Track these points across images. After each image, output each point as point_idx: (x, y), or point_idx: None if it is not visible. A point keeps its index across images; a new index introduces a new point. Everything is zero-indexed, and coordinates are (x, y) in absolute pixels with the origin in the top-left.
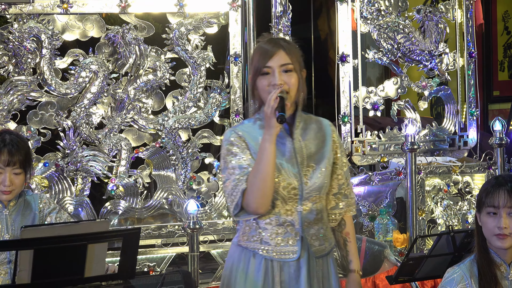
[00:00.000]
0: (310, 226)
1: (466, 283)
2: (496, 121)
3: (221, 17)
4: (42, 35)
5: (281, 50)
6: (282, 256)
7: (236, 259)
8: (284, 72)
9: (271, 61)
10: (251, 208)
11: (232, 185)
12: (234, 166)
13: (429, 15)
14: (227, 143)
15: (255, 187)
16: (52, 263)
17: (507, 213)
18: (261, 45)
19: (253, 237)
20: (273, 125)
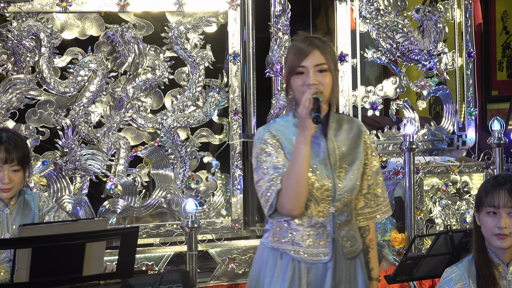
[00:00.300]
0: (341, 228)
1: (464, 283)
2: (494, 120)
3: (220, 16)
4: (41, 33)
5: (316, 50)
6: (313, 258)
7: (265, 260)
8: (318, 72)
9: (306, 61)
10: (285, 210)
11: (266, 185)
12: (268, 166)
13: (428, 14)
14: (261, 142)
15: (290, 189)
16: (50, 261)
17: (507, 213)
18: (296, 44)
19: (284, 238)
20: (308, 127)
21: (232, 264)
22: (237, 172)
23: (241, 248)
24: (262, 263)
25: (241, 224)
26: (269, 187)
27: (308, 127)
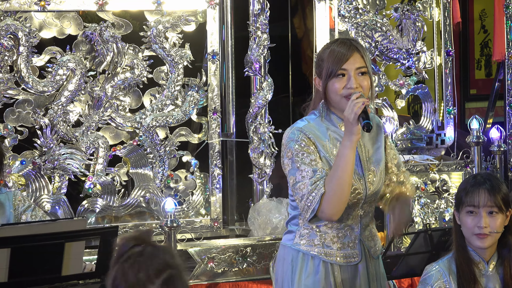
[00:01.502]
0: (365, 228)
1: (445, 280)
2: (473, 119)
3: (199, 15)
4: (19, 32)
5: (356, 53)
6: (344, 260)
7: (293, 262)
8: (359, 75)
9: (347, 64)
10: (326, 215)
11: (309, 188)
12: (306, 169)
13: (407, 13)
14: (295, 143)
15: (333, 194)
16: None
17: (487, 212)
18: (334, 47)
19: (313, 240)
20: (355, 132)
21: (211, 263)
22: (216, 171)
23: (220, 247)
24: (291, 265)
25: (220, 223)
26: (311, 191)
27: (355, 133)
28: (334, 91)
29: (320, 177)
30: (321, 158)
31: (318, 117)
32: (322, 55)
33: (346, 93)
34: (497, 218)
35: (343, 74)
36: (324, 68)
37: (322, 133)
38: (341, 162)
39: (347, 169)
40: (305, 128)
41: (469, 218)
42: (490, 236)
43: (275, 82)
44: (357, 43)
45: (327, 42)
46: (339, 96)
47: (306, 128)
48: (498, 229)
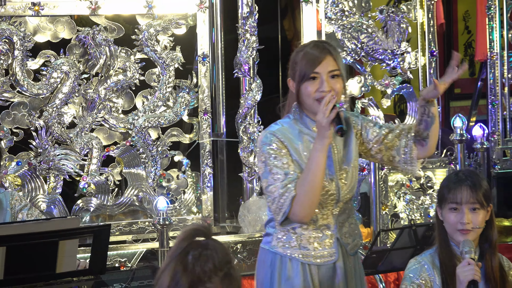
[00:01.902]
0: (343, 225)
1: (429, 273)
2: (456, 118)
3: (189, 18)
4: (14, 36)
5: (329, 56)
6: (321, 260)
7: (272, 265)
8: (331, 78)
9: (319, 67)
10: (297, 217)
11: (280, 191)
12: (278, 171)
13: (392, 15)
14: (268, 147)
15: (304, 196)
16: (24, 259)
17: (469, 208)
18: (308, 50)
19: (290, 243)
20: (327, 136)
21: None
22: (207, 170)
23: None
24: (270, 268)
25: (211, 221)
26: (282, 194)
27: (327, 136)
28: (306, 94)
29: (291, 180)
30: (293, 161)
31: (292, 120)
32: (295, 58)
33: (318, 96)
34: (479, 214)
35: (316, 77)
36: (297, 71)
37: (295, 136)
38: (312, 165)
39: (318, 173)
40: (278, 132)
41: (452, 214)
42: (472, 231)
43: (266, 83)
44: (330, 46)
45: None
46: (311, 99)
47: (278, 131)
48: (480, 224)
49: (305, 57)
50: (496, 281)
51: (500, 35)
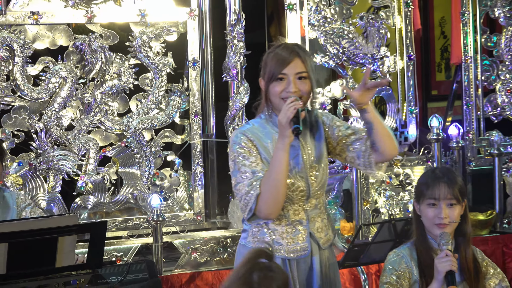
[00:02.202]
0: (315, 220)
1: (407, 265)
2: (433, 118)
3: (180, 25)
4: (14, 44)
5: (297, 58)
6: (294, 254)
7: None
8: (298, 79)
9: (287, 69)
10: (263, 214)
11: (246, 189)
12: (246, 170)
13: (371, 21)
14: (237, 146)
15: (269, 194)
16: (25, 255)
17: (446, 204)
18: (278, 51)
19: (263, 238)
20: (287, 135)
21: (194, 254)
22: (198, 169)
23: (203, 239)
24: None
25: (202, 217)
26: (248, 192)
27: (288, 135)
28: (274, 94)
29: (258, 178)
30: (261, 160)
31: (263, 120)
32: (266, 59)
33: (284, 96)
34: (455, 209)
35: (283, 78)
36: (267, 71)
37: (265, 135)
38: (275, 163)
39: (280, 171)
40: (248, 131)
41: (430, 209)
42: (449, 225)
43: (254, 87)
44: (299, 48)
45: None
46: (278, 99)
47: (248, 131)
48: (456, 219)
49: (274, 58)
50: (470, 271)
51: (474, 40)
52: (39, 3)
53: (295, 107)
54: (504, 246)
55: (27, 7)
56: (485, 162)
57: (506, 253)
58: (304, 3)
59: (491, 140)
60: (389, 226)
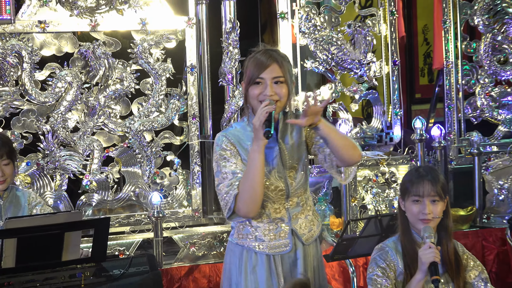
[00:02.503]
0: (298, 217)
1: (393, 257)
2: (417, 119)
3: (179, 33)
4: (23, 51)
5: (274, 63)
6: (276, 250)
7: (237, 258)
8: (275, 84)
9: (265, 73)
10: (242, 213)
11: (225, 190)
12: (226, 171)
13: (358, 29)
14: (219, 148)
15: (246, 194)
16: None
17: (430, 200)
18: (257, 56)
19: (248, 235)
20: (261, 137)
21: (193, 248)
22: (196, 168)
23: (201, 233)
24: (236, 260)
25: (200, 213)
26: (227, 192)
27: (261, 138)
28: (253, 97)
29: (237, 179)
30: (241, 161)
31: (245, 122)
32: (247, 63)
33: (262, 99)
34: (438, 205)
35: (260, 82)
36: (246, 74)
37: (246, 137)
38: (251, 165)
39: (256, 172)
40: (229, 134)
41: (414, 205)
42: (432, 220)
43: None
44: (277, 54)
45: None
46: (256, 102)
47: (230, 133)
48: (439, 214)
49: (253, 62)
50: (452, 264)
51: (455, 46)
52: (46, 13)
53: (267, 111)
54: (484, 240)
55: (34, 16)
56: (466, 161)
57: (485, 247)
58: (295, 12)
59: (471, 140)
60: (376, 222)
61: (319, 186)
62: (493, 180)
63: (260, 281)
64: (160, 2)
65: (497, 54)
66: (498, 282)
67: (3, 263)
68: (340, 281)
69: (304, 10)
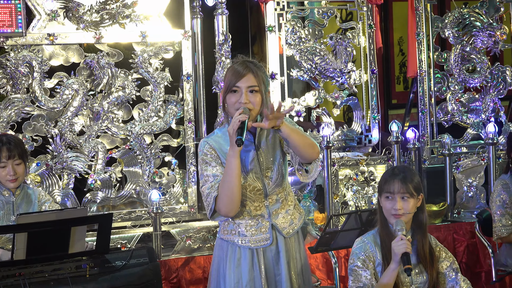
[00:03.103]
0: (278, 213)
1: (371, 250)
2: (393, 123)
3: (176, 45)
4: (33, 61)
5: (250, 73)
6: (258, 244)
7: (224, 252)
8: (250, 92)
9: (240, 82)
10: (222, 212)
11: (207, 192)
12: (208, 174)
13: (340, 41)
14: (202, 153)
15: (224, 195)
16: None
17: (400, 197)
18: (235, 66)
19: (232, 231)
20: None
21: (189, 241)
22: (191, 168)
23: (196, 228)
24: (221, 255)
25: (195, 209)
26: (208, 194)
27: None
28: (230, 104)
29: (217, 181)
30: (221, 164)
31: (225, 128)
32: (226, 72)
33: (238, 106)
34: (409, 202)
35: (237, 90)
36: (224, 83)
37: (226, 142)
38: (228, 169)
39: (233, 175)
40: (210, 140)
41: (387, 201)
42: (403, 216)
43: None
44: (253, 65)
45: (228, 62)
46: (233, 109)
47: (211, 139)
48: (410, 210)
49: (230, 72)
50: (426, 256)
51: (427, 56)
52: (54, 26)
53: (240, 120)
54: (454, 233)
55: (44, 30)
56: (438, 161)
57: (456, 239)
58: (282, 26)
59: (442, 142)
60: (356, 216)
61: (304, 184)
62: (463, 178)
63: (243, 273)
64: (158, 16)
65: (466, 64)
66: (467, 271)
67: (15, 256)
68: (324, 271)
69: (290, 24)
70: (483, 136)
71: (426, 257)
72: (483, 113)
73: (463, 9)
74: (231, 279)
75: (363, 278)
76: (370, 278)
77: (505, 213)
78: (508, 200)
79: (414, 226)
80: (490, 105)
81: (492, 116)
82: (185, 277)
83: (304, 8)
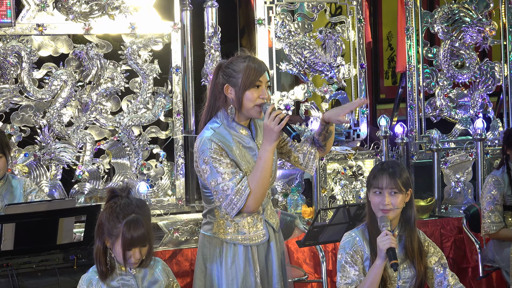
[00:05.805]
0: (267, 208)
1: (360, 244)
2: (382, 118)
3: (165, 37)
4: (22, 52)
5: (265, 70)
6: (256, 241)
7: (216, 250)
8: (266, 88)
9: (263, 77)
10: (250, 209)
11: (234, 189)
12: (225, 171)
13: (329, 35)
14: (210, 152)
15: (258, 192)
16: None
17: (389, 192)
18: (250, 64)
19: (230, 229)
20: (275, 138)
21: (176, 233)
22: (180, 160)
23: (184, 220)
24: (211, 251)
25: (183, 201)
26: (237, 191)
27: (275, 139)
28: (250, 99)
29: (240, 178)
30: (231, 160)
31: (221, 125)
32: (236, 68)
33: (259, 102)
34: (397, 197)
35: (259, 85)
36: (242, 79)
37: (229, 139)
38: (263, 163)
39: (268, 169)
40: (214, 137)
41: (375, 196)
42: (391, 210)
43: None
44: (264, 63)
45: (236, 57)
46: (252, 104)
47: (214, 137)
48: (398, 205)
49: (249, 68)
50: (414, 251)
51: (416, 51)
52: (43, 17)
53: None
54: (442, 228)
55: (33, 20)
56: (426, 156)
57: (443, 234)
58: (272, 19)
59: (431, 137)
60: (344, 211)
61: (292, 177)
62: (450, 173)
63: (238, 269)
64: (148, 8)
65: (455, 59)
66: (454, 266)
67: (3, 246)
68: (311, 265)
69: (279, 17)
70: (471, 132)
71: (414, 252)
72: (471, 108)
73: (453, 5)
74: (227, 276)
75: (351, 274)
76: (358, 274)
77: (495, 209)
78: (499, 197)
79: (403, 221)
80: (479, 101)
81: (480, 112)
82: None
83: (294, 1)
